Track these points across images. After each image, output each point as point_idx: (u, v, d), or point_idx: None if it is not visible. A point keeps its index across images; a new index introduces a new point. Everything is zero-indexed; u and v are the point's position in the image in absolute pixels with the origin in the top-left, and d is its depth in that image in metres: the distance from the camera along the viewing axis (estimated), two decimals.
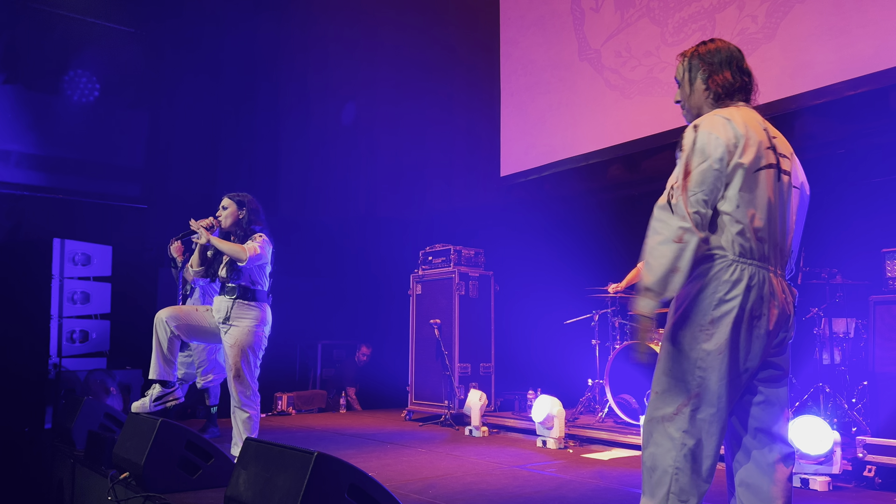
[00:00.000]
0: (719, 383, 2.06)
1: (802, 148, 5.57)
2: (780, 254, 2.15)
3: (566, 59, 7.18)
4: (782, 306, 2.12)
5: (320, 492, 2.28)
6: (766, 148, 2.12)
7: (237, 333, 4.16)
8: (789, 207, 2.19)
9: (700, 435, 2.08)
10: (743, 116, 2.14)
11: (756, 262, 2.08)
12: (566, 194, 7.44)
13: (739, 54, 2.29)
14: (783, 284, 2.16)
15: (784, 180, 2.16)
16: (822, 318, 4.88)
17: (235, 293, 4.20)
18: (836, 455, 3.65)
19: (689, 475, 2.07)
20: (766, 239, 2.10)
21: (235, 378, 4.13)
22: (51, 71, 7.58)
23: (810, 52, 5.22)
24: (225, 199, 4.36)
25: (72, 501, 4.21)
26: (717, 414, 2.07)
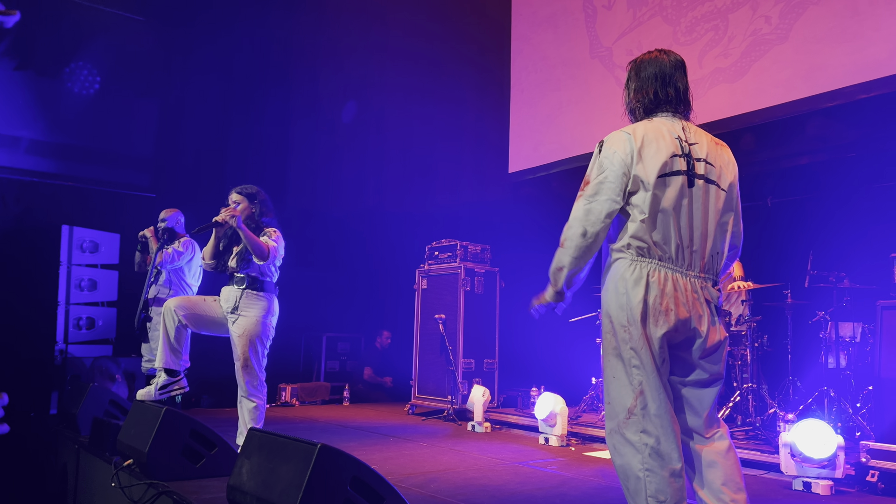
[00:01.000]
0: (654, 375, 2.20)
1: (813, 150, 5.58)
2: (692, 254, 2.27)
3: (577, 57, 7.16)
4: (691, 304, 2.24)
5: (323, 483, 2.29)
6: (673, 156, 2.27)
7: (245, 323, 4.17)
8: (706, 209, 2.29)
9: (657, 431, 2.17)
10: (652, 129, 2.31)
11: (656, 262, 2.24)
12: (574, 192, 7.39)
13: (671, 69, 2.44)
14: (696, 283, 2.27)
15: (698, 184, 2.28)
16: (829, 321, 4.87)
17: (244, 283, 4.21)
18: (840, 459, 3.64)
19: (660, 473, 2.15)
20: (669, 240, 2.24)
21: (243, 368, 4.15)
22: (62, 58, 7.61)
23: (823, 54, 5.19)
24: (234, 193, 4.33)
25: (76, 486, 4.24)
26: (663, 405, 2.19)
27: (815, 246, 4.98)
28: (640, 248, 2.25)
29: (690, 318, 2.24)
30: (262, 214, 4.31)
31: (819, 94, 5.20)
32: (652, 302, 2.21)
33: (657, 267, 2.24)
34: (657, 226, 2.24)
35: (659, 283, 2.23)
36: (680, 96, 2.43)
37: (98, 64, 7.81)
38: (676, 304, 2.22)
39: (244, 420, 4.19)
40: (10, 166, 7.23)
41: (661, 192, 2.24)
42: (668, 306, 2.22)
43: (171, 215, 5.83)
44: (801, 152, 5.70)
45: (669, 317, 2.21)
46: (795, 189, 5.83)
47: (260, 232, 4.24)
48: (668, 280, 2.23)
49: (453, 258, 6.94)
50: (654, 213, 2.24)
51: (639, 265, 2.25)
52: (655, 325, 2.21)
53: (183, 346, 4.31)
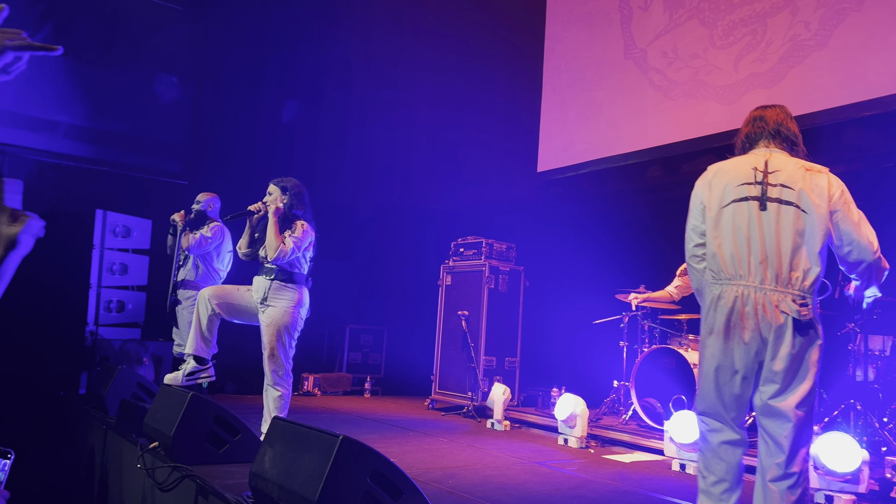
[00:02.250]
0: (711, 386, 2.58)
1: (849, 159, 5.48)
2: (766, 271, 2.50)
3: (611, 58, 7.11)
4: (759, 316, 2.48)
5: (344, 474, 2.32)
6: (743, 184, 2.61)
7: (273, 313, 4.20)
8: (777, 227, 2.52)
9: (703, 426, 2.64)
10: (732, 163, 2.73)
11: (729, 281, 2.55)
12: (603, 193, 7.39)
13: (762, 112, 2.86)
14: (773, 297, 2.48)
15: (771, 207, 2.54)
16: (858, 334, 4.79)
17: (273, 274, 4.24)
18: (864, 474, 3.59)
19: (706, 453, 2.60)
20: (739, 261, 2.53)
21: (270, 357, 4.19)
22: (101, 45, 7.74)
23: (863, 62, 5.10)
24: (270, 184, 4.39)
25: (103, 465, 4.33)
26: (708, 410, 2.60)
27: None
28: (713, 270, 2.63)
29: (760, 329, 2.47)
30: (292, 207, 4.33)
31: (857, 102, 5.12)
32: (724, 318, 2.53)
33: (730, 286, 2.54)
34: (722, 249, 2.58)
35: (729, 301, 2.52)
36: (767, 131, 2.75)
37: (136, 51, 7.93)
38: (743, 318, 2.50)
39: (269, 408, 4.24)
40: (48, 150, 7.38)
41: (724, 220, 2.60)
42: (736, 321, 2.50)
43: (207, 199, 5.92)
44: (837, 161, 5.58)
45: (747, 330, 2.49)
46: None
47: (289, 224, 4.27)
48: (739, 297, 2.51)
49: (478, 255, 6.95)
50: (720, 238, 2.60)
51: (717, 285, 2.59)
52: (726, 339, 2.52)
53: (213, 335, 4.37)
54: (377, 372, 8.34)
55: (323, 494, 2.26)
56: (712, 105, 6.08)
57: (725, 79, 6.02)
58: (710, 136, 6.05)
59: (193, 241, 5.66)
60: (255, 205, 4.32)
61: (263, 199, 4.37)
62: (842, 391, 4.83)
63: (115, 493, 4.03)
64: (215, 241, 5.79)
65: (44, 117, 7.35)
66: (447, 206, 8.63)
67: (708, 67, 6.17)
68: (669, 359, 5.56)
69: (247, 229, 4.39)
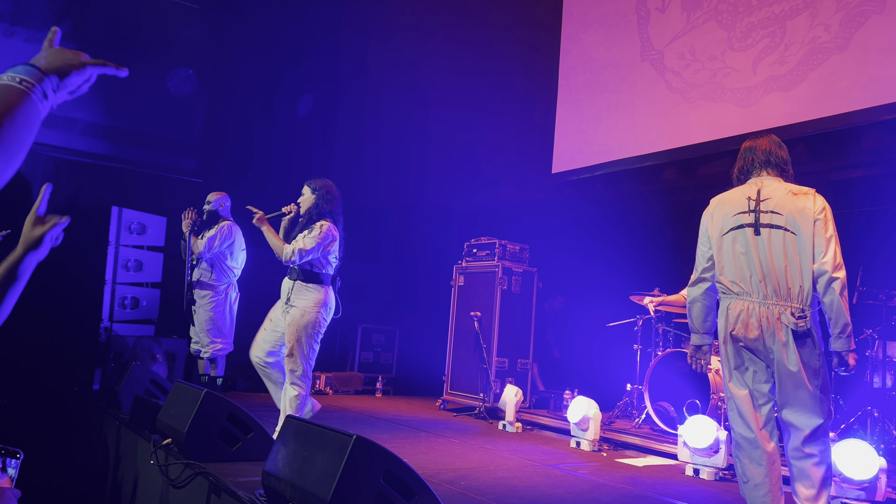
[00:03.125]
0: (728, 383, 3.07)
1: (868, 163, 5.43)
2: (766, 288, 2.93)
3: (627, 59, 7.07)
4: (763, 327, 2.92)
5: (357, 474, 2.31)
6: (739, 213, 3.03)
7: (295, 314, 4.22)
8: (770, 250, 2.93)
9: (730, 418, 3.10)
10: (730, 195, 3.14)
11: (737, 296, 3.00)
12: (618, 195, 7.35)
13: (754, 144, 3.18)
14: (775, 310, 2.91)
15: (764, 232, 2.96)
16: (876, 340, 4.73)
17: (296, 275, 4.28)
18: (881, 482, 3.55)
19: (740, 455, 2.99)
20: (741, 280, 2.98)
21: (288, 356, 4.20)
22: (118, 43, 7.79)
23: (884, 65, 5.04)
24: (304, 185, 4.47)
25: (116, 460, 4.35)
26: (731, 402, 3.05)
27: (865, 262, 4.84)
28: (721, 287, 3.09)
29: (763, 337, 2.91)
30: (317, 207, 4.36)
31: (877, 105, 5.05)
32: (730, 327, 2.99)
33: (735, 300, 3.00)
34: (725, 270, 3.05)
35: (735, 312, 2.98)
36: (758, 162, 3.11)
37: (153, 49, 7.98)
38: (747, 327, 2.94)
39: (284, 408, 4.25)
40: (65, 147, 7.43)
41: (725, 245, 3.05)
42: (740, 330, 2.96)
43: (218, 198, 5.94)
44: (855, 165, 5.55)
45: (743, 337, 2.96)
46: (847, 202, 5.67)
47: (311, 223, 4.30)
48: (744, 311, 2.96)
49: (491, 256, 6.93)
50: (722, 260, 3.07)
51: (724, 299, 3.08)
52: (734, 343, 3.00)
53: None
54: (389, 371, 8.34)
55: (336, 494, 2.26)
56: (730, 108, 6.03)
57: (743, 81, 5.97)
58: (727, 138, 6.00)
59: (202, 247, 5.69)
60: (288, 206, 4.40)
61: (297, 200, 4.44)
62: (859, 398, 4.77)
63: (127, 490, 4.05)
64: (225, 240, 5.80)
65: (61, 114, 7.40)
66: (461, 207, 8.62)
67: (726, 70, 6.12)
68: (683, 363, 5.51)
69: (281, 230, 4.46)
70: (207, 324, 5.72)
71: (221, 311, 5.79)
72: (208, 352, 5.75)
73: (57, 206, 7.60)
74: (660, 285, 5.99)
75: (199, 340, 5.79)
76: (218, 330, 5.76)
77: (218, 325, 5.76)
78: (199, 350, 5.79)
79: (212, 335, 5.74)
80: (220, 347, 5.78)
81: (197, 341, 5.81)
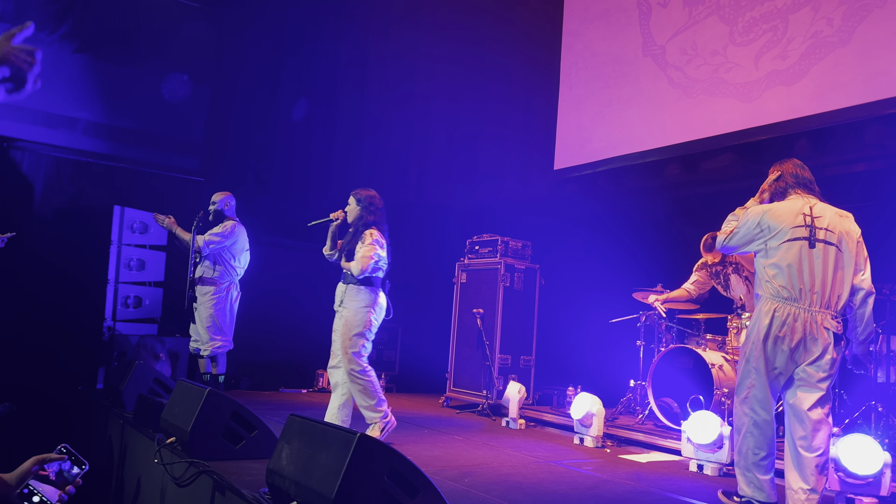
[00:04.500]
0: (759, 373, 3.36)
1: (871, 157, 5.41)
2: (813, 295, 3.29)
3: (629, 55, 7.06)
4: (806, 330, 3.27)
5: (361, 472, 2.31)
6: (796, 227, 3.35)
7: (346, 315, 4.49)
8: (824, 263, 3.31)
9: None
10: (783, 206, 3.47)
11: (783, 300, 3.31)
12: (620, 191, 7.33)
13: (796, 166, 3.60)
14: (818, 316, 3.27)
15: (818, 247, 3.32)
16: (881, 335, 4.72)
17: (349, 279, 4.54)
18: (886, 477, 3.54)
19: (756, 433, 3.35)
20: (791, 286, 3.30)
21: (345, 355, 4.48)
22: (119, 42, 7.79)
23: (886, 59, 5.02)
24: (350, 195, 4.72)
25: (121, 459, 4.36)
26: (755, 390, 3.37)
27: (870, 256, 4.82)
28: (769, 291, 3.38)
29: (806, 339, 3.26)
30: (363, 217, 4.61)
31: (880, 100, 5.03)
32: (774, 329, 3.30)
33: (781, 304, 3.32)
34: (778, 277, 3.35)
35: (782, 315, 3.30)
36: (800, 181, 3.52)
37: (153, 49, 7.97)
38: (793, 331, 3.27)
39: (357, 401, 4.50)
40: (66, 146, 7.43)
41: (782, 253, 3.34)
42: (785, 332, 3.29)
43: (222, 198, 5.96)
44: (858, 159, 5.54)
45: (792, 340, 3.28)
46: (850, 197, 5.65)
47: (359, 235, 4.56)
48: (789, 315, 3.29)
49: (493, 253, 6.93)
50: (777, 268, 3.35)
51: (770, 303, 3.36)
52: (774, 344, 3.31)
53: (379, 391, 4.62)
54: (392, 369, 8.34)
55: (340, 491, 2.25)
56: (732, 103, 6.02)
57: (745, 76, 5.95)
58: (730, 133, 5.99)
59: (205, 243, 5.71)
60: (336, 213, 4.70)
61: (344, 209, 4.70)
62: (863, 393, 4.77)
63: (131, 488, 4.06)
64: (228, 239, 5.80)
65: (62, 114, 7.40)
66: (463, 204, 8.61)
67: (728, 64, 6.10)
68: (687, 358, 5.51)
69: (329, 234, 4.75)
70: (207, 321, 5.74)
71: (222, 309, 5.80)
72: (208, 350, 5.76)
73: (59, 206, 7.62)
74: (663, 281, 5.98)
75: (199, 338, 5.80)
76: (218, 328, 5.77)
77: (218, 323, 5.77)
78: (199, 349, 5.80)
79: (211, 333, 5.75)
80: (219, 345, 5.79)
81: (197, 339, 5.82)
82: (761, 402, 3.35)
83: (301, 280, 8.16)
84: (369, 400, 4.45)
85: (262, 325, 7.26)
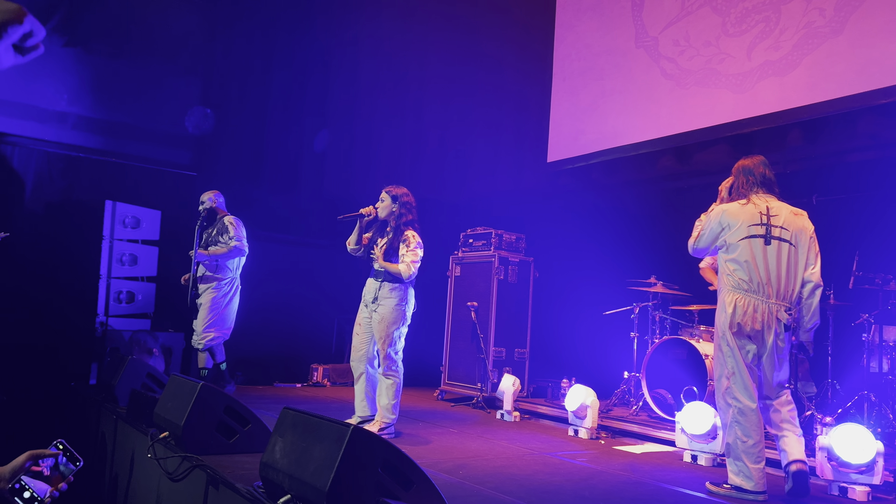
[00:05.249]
0: (736, 363, 3.56)
1: (863, 148, 5.42)
2: (769, 288, 3.54)
3: (622, 46, 7.04)
4: (764, 320, 3.52)
5: (355, 464, 2.30)
6: (753, 224, 3.58)
7: (383, 311, 4.59)
8: (778, 259, 3.55)
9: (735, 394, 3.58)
10: (740, 208, 3.64)
11: (744, 292, 3.56)
12: (614, 183, 7.33)
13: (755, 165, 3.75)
14: (773, 307, 3.53)
15: (773, 243, 3.56)
16: (873, 324, 4.74)
17: (382, 276, 4.64)
18: (879, 465, 3.55)
19: (741, 420, 3.50)
20: (750, 280, 3.55)
21: (383, 351, 4.60)
22: (109, 35, 7.72)
23: (879, 49, 5.02)
24: (383, 192, 4.75)
25: (114, 455, 4.35)
26: (736, 378, 3.56)
27: (862, 246, 4.85)
28: (732, 282, 3.61)
29: (763, 329, 3.52)
30: (401, 216, 4.68)
31: (873, 90, 5.04)
32: (736, 320, 3.55)
33: (742, 296, 3.55)
34: (738, 271, 3.58)
35: (742, 306, 3.54)
36: (764, 181, 3.69)
37: (144, 42, 7.91)
38: (753, 320, 3.52)
39: (380, 395, 4.62)
40: (57, 141, 7.38)
41: (744, 248, 3.57)
42: (746, 320, 3.52)
43: (211, 196, 5.98)
44: (851, 149, 5.54)
45: (748, 326, 3.53)
46: (842, 187, 5.68)
47: (400, 235, 4.62)
48: (749, 305, 3.53)
49: (487, 246, 6.92)
50: (736, 263, 3.58)
51: (732, 293, 3.59)
52: (739, 331, 3.55)
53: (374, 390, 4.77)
54: None
55: (334, 484, 2.25)
56: (725, 94, 6.01)
57: (738, 67, 5.95)
58: (723, 125, 5.99)
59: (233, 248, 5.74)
60: (367, 208, 4.73)
61: (375, 205, 4.73)
62: (856, 382, 4.79)
63: (125, 483, 4.04)
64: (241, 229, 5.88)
65: (53, 108, 7.35)
66: (456, 198, 8.59)
67: (721, 56, 6.10)
68: (681, 349, 5.52)
69: (356, 229, 4.78)
70: (207, 315, 5.78)
71: (221, 304, 5.82)
72: (201, 343, 5.76)
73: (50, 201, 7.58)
74: (657, 272, 5.99)
75: (196, 332, 5.80)
76: (216, 321, 5.78)
77: (220, 317, 5.81)
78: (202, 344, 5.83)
79: (207, 326, 5.76)
80: (212, 337, 5.80)
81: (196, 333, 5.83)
82: (742, 390, 3.51)
83: (295, 274, 8.14)
84: (392, 399, 4.59)
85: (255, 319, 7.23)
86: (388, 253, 4.64)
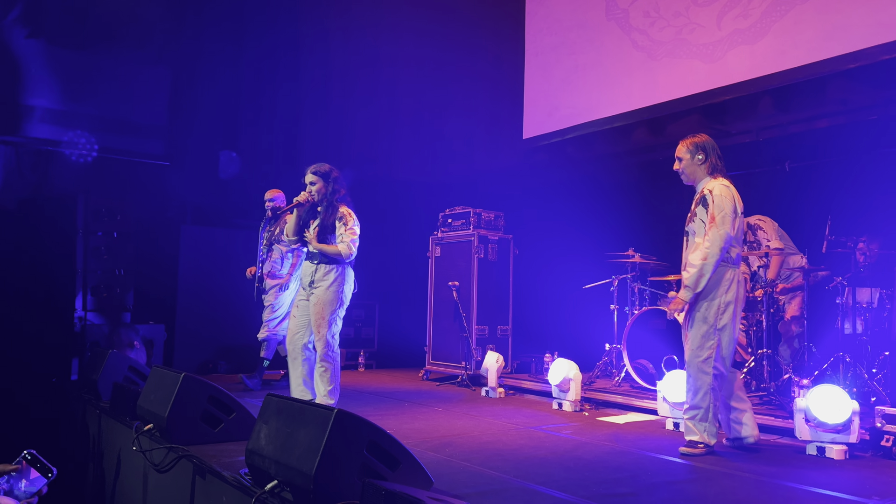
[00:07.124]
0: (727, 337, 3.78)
1: (833, 113, 5.47)
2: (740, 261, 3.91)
3: (593, 19, 7.03)
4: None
5: (340, 447, 2.32)
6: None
7: (319, 293, 4.46)
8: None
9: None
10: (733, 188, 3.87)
11: (734, 266, 3.80)
12: (589, 158, 7.35)
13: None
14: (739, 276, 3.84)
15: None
16: (846, 287, 4.83)
17: (318, 258, 4.50)
18: (854, 424, 3.64)
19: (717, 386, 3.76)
20: (735, 255, 3.82)
21: (318, 335, 4.46)
22: (74, 26, 7.55)
23: (845, 13, 5.06)
24: (309, 174, 4.57)
25: (99, 449, 4.33)
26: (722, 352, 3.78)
27: (834, 211, 4.91)
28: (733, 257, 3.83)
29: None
30: (334, 192, 4.55)
31: (841, 55, 5.08)
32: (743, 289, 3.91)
33: (736, 269, 3.83)
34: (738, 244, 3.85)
35: (740, 277, 3.82)
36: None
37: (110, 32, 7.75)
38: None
39: (317, 382, 4.49)
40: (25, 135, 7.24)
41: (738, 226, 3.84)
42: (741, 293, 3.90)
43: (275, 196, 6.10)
44: (821, 115, 5.60)
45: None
46: (814, 153, 5.74)
47: (334, 212, 4.49)
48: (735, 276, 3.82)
49: (466, 225, 6.93)
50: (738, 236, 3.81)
51: (732, 268, 3.80)
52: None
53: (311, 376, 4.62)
54: (370, 346, 8.35)
55: (320, 468, 2.26)
56: (696, 64, 6.04)
57: (708, 36, 5.96)
58: (695, 95, 6.02)
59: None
60: (302, 195, 4.53)
61: (308, 190, 4.55)
62: (831, 344, 4.88)
63: (111, 477, 4.04)
64: None
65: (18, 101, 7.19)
66: (434, 178, 8.57)
67: (691, 26, 6.11)
68: (660, 320, 5.59)
69: (294, 219, 4.61)
70: (268, 310, 5.98)
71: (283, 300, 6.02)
72: (262, 334, 5.97)
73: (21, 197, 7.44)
74: (634, 244, 6.04)
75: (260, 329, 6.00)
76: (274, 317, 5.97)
77: (275, 313, 5.98)
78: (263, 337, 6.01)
79: (266, 320, 5.97)
80: (266, 334, 5.99)
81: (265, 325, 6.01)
82: (726, 358, 3.77)
83: None
84: (329, 385, 4.48)
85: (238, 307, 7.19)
86: (322, 233, 4.49)
